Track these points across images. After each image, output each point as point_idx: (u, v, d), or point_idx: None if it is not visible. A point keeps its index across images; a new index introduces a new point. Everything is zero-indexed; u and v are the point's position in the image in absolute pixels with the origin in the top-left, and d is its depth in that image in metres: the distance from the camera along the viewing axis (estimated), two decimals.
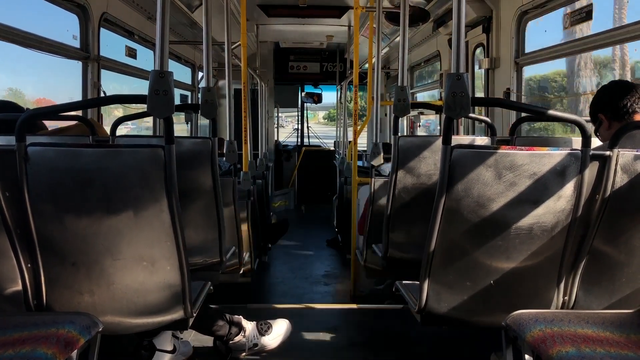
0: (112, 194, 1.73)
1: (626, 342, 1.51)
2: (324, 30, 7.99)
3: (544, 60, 4.41)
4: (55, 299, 1.83)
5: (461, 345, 3.09)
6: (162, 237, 1.77)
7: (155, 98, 1.61)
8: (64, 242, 1.76)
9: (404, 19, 2.90)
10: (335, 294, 5.01)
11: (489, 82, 4.88)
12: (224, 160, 3.35)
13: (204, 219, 2.67)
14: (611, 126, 2.31)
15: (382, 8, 4.00)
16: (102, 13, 4.37)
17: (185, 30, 6.67)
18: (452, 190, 1.75)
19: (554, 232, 1.78)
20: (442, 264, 1.86)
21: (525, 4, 4.24)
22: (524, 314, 1.68)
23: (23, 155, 1.69)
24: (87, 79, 4.28)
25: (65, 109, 2.26)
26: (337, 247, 6.60)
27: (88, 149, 1.73)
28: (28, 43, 3.58)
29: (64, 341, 1.50)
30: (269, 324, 2.94)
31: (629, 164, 1.74)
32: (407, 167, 2.72)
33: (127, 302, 1.84)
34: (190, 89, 7.83)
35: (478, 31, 5.03)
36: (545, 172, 1.73)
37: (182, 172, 1.75)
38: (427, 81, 8.08)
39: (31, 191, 1.71)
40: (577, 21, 3.64)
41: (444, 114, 1.70)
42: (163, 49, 1.66)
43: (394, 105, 2.74)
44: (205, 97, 2.62)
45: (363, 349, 3.04)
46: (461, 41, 1.70)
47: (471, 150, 1.76)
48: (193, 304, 1.93)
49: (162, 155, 1.69)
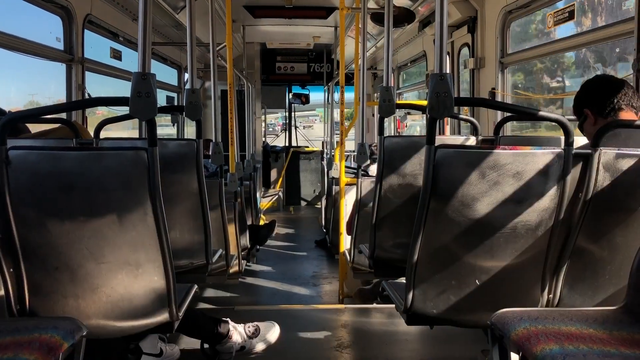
0: (95, 197, 1.71)
1: (609, 339, 1.52)
2: (310, 31, 7.99)
3: (528, 60, 4.46)
4: (38, 304, 1.81)
5: (449, 344, 3.10)
6: (147, 241, 1.76)
7: (138, 100, 1.60)
8: (46, 246, 1.74)
9: (389, 19, 2.91)
10: (323, 294, 5.01)
11: (475, 82, 4.91)
12: (210, 162, 3.34)
13: (190, 222, 2.66)
14: (597, 122, 2.26)
15: (367, 9, 4.01)
16: (86, 14, 4.33)
17: (170, 32, 6.64)
18: (437, 190, 1.76)
19: (538, 231, 1.80)
20: (428, 263, 1.87)
21: (509, 4, 4.27)
22: (508, 312, 1.68)
23: (4, 159, 1.67)
24: (71, 81, 4.24)
25: (48, 111, 2.25)
26: (326, 247, 6.60)
27: (70, 152, 1.72)
28: (11, 45, 3.54)
29: (46, 346, 1.49)
30: (256, 326, 2.93)
31: (610, 163, 1.76)
32: (392, 168, 2.73)
33: (112, 305, 1.82)
34: (177, 90, 7.80)
35: (463, 31, 5.05)
36: (528, 171, 1.74)
37: (167, 175, 1.74)
38: (415, 81, 8.11)
39: (13, 195, 1.69)
40: (560, 21, 3.68)
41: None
42: (145, 50, 1.65)
43: (379, 106, 2.75)
44: (190, 98, 2.61)
45: (351, 349, 3.04)
46: (444, 41, 1.71)
47: (455, 150, 1.77)
48: (179, 307, 1.92)
49: (145, 158, 1.67)
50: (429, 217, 1.79)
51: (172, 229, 1.88)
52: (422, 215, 1.79)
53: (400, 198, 2.72)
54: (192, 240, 2.67)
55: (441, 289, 1.90)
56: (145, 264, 1.80)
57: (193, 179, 2.60)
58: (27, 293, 1.78)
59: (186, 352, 2.89)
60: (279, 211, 9.96)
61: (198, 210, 2.64)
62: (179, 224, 2.64)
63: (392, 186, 2.73)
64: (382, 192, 2.73)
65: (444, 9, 1.70)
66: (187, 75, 8.19)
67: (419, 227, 1.80)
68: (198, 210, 2.64)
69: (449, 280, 1.88)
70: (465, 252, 1.84)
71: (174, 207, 2.55)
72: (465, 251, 1.84)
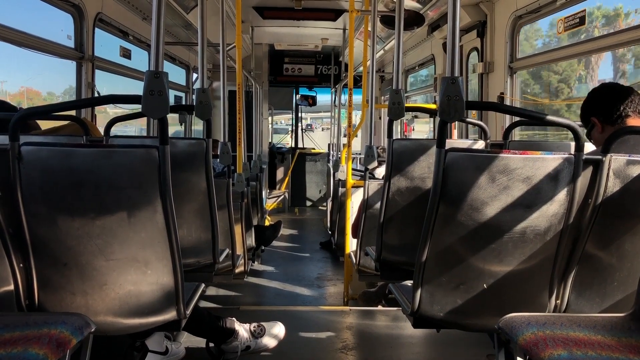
0: (105, 194, 1.72)
1: (617, 346, 1.52)
2: (319, 33, 8.00)
3: (537, 65, 4.45)
4: (47, 299, 1.82)
5: (454, 348, 3.10)
6: (156, 238, 1.77)
7: (150, 98, 1.61)
8: (56, 242, 1.75)
9: (399, 22, 2.91)
10: (328, 296, 5.01)
11: (483, 86, 4.90)
12: (217, 161, 3.34)
13: (197, 220, 2.66)
14: (604, 130, 2.28)
15: (377, 11, 4.02)
16: (97, 13, 4.36)
17: (179, 32, 6.67)
18: (446, 194, 1.76)
19: (547, 236, 1.79)
20: (436, 267, 1.87)
21: (519, 9, 4.27)
22: (516, 317, 1.68)
23: (16, 155, 1.68)
24: (81, 79, 4.26)
25: (60, 108, 2.25)
26: (331, 249, 6.60)
27: (82, 149, 1.72)
28: (22, 42, 3.56)
29: (55, 341, 1.49)
30: (262, 327, 2.94)
31: (621, 169, 1.75)
32: (401, 170, 2.73)
33: (120, 302, 1.83)
34: (185, 90, 7.82)
35: (472, 35, 5.05)
36: (538, 176, 1.73)
37: (175, 173, 1.74)
38: (420, 85, 8.11)
39: (24, 191, 1.70)
40: (570, 27, 3.67)
41: (438, 118, 1.70)
42: (158, 49, 1.66)
43: (389, 109, 2.75)
44: (200, 98, 2.62)
45: (356, 352, 3.04)
46: (456, 45, 1.70)
47: (465, 154, 1.76)
48: (186, 305, 1.92)
49: (156, 156, 1.68)
50: (438, 220, 1.79)
51: (180, 227, 1.89)
52: (430, 218, 1.79)
53: (407, 201, 2.72)
54: (199, 239, 2.67)
55: (448, 292, 1.89)
56: (154, 262, 1.80)
57: (201, 178, 2.60)
58: (37, 288, 1.80)
59: (191, 350, 2.90)
60: (284, 212, 9.97)
61: (205, 209, 2.64)
62: (187, 222, 2.64)
63: (400, 189, 2.73)
64: (390, 195, 2.73)
65: (456, 12, 1.70)
66: (195, 75, 8.23)
67: (428, 230, 1.80)
68: (205, 209, 2.64)
69: (456, 283, 1.88)
70: (473, 256, 1.83)
71: (182, 206, 2.55)
72: (473, 255, 1.83)
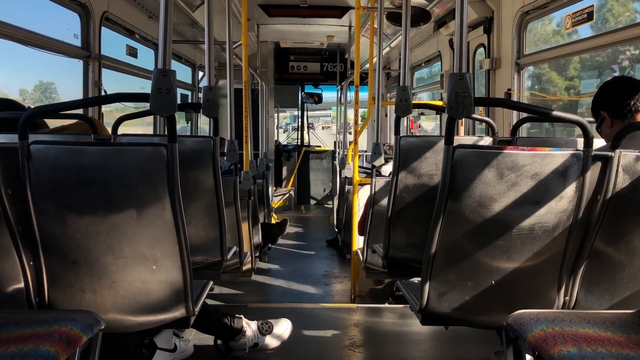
0: (114, 192, 1.73)
1: (627, 342, 1.51)
2: (324, 30, 7.99)
3: (545, 62, 4.43)
4: (57, 297, 1.83)
5: (461, 345, 3.10)
6: (165, 236, 1.77)
7: (158, 96, 1.61)
8: (66, 240, 1.76)
9: (406, 18, 2.90)
10: (335, 293, 5.02)
11: (490, 82, 4.88)
12: (224, 159, 3.35)
13: (205, 218, 2.67)
14: (613, 124, 2.25)
15: (383, 8, 4.01)
16: (103, 12, 4.37)
17: (185, 30, 6.68)
18: (454, 191, 1.75)
19: (556, 233, 1.78)
20: (444, 263, 1.87)
21: (526, 5, 4.25)
22: (525, 313, 1.68)
23: (26, 153, 1.69)
24: (88, 77, 4.28)
25: (68, 107, 2.26)
26: (337, 247, 6.61)
27: (91, 147, 1.73)
28: (29, 41, 3.58)
29: (66, 339, 1.50)
30: (270, 324, 2.94)
31: (630, 165, 1.74)
32: (408, 168, 2.72)
33: (129, 300, 1.84)
34: (191, 88, 7.84)
35: (479, 32, 5.03)
36: (547, 172, 1.73)
37: (183, 171, 1.75)
38: (426, 82, 8.09)
39: (33, 189, 1.71)
40: (579, 22, 3.65)
41: (445, 114, 1.70)
42: (166, 48, 1.66)
43: (396, 106, 2.74)
44: (207, 96, 2.62)
45: (364, 349, 3.04)
46: (464, 41, 1.70)
47: (473, 151, 1.76)
48: (195, 302, 1.93)
49: (164, 154, 1.69)
50: (446, 217, 1.78)
51: (188, 225, 1.89)
52: (439, 215, 1.78)
53: (415, 198, 2.71)
54: (207, 236, 2.68)
55: (457, 289, 1.89)
56: (163, 259, 1.81)
57: (209, 176, 2.61)
58: (46, 286, 1.81)
59: (200, 347, 2.91)
60: (290, 210, 9.98)
61: (213, 207, 2.65)
62: (194, 220, 2.65)
63: (407, 186, 2.73)
64: (397, 192, 2.72)
65: (464, 8, 1.70)
66: (201, 73, 8.23)
67: (436, 227, 1.80)
68: (213, 207, 2.65)
69: (464, 280, 1.88)
70: (481, 253, 1.83)
71: (190, 204, 2.56)
72: (481, 251, 1.83)
